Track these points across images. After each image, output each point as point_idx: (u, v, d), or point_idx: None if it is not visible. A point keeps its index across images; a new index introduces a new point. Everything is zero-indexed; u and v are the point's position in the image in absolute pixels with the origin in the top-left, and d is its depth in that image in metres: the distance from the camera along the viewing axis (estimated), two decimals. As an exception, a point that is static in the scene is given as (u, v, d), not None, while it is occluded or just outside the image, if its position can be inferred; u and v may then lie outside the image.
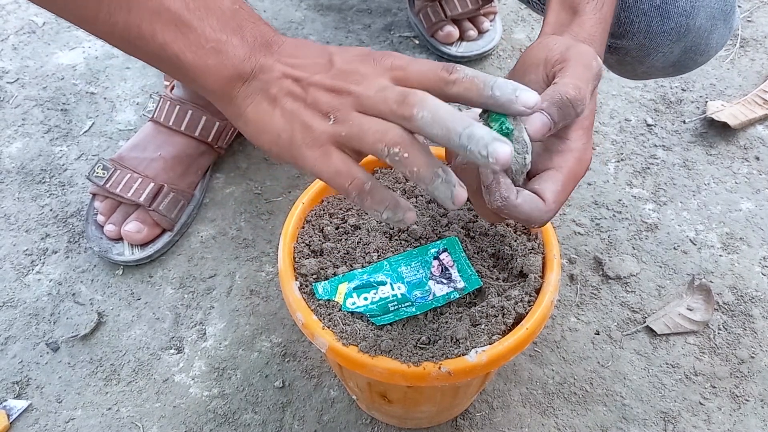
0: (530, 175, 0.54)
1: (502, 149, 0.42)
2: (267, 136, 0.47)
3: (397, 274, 0.63)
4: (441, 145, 0.45)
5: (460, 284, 0.63)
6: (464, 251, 0.65)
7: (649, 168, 1.10)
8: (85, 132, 1.15)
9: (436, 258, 0.64)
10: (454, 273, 0.63)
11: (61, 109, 1.18)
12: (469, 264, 0.64)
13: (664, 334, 0.91)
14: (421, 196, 0.71)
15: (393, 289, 0.62)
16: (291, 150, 0.46)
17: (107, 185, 0.96)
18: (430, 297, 0.62)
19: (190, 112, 1.01)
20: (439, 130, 0.43)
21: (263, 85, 0.47)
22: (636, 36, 0.70)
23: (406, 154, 0.44)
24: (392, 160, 0.44)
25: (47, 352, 0.90)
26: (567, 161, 0.52)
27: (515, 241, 0.67)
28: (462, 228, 0.68)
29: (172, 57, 0.46)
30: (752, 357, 0.89)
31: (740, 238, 1.01)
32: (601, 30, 0.58)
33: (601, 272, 0.97)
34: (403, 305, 0.61)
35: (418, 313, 0.61)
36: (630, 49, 0.72)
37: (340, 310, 0.61)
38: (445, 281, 0.63)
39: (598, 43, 0.57)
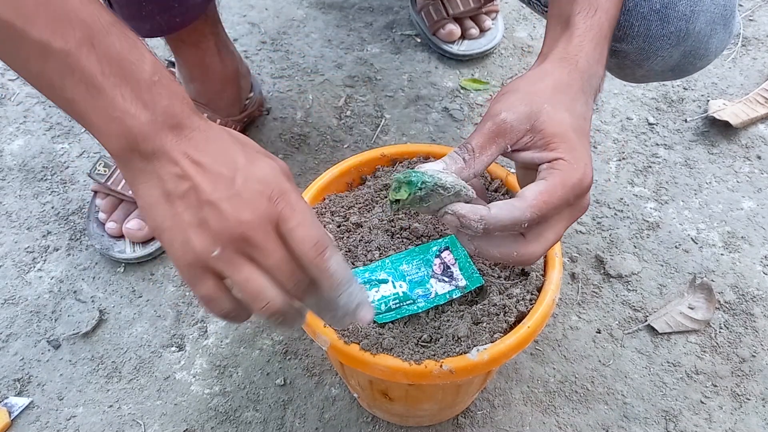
0: None
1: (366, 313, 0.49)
2: (150, 222, 0.47)
3: (399, 273, 0.63)
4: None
5: (462, 282, 0.63)
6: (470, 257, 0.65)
7: (650, 167, 1.10)
8: (87, 130, 1.15)
9: (438, 256, 0.64)
10: (456, 271, 0.63)
11: (63, 107, 1.18)
12: (471, 262, 0.64)
13: (665, 333, 0.91)
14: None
15: (395, 288, 0.62)
16: (169, 251, 0.47)
17: (109, 182, 0.96)
18: (432, 295, 0.62)
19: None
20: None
21: (160, 172, 0.46)
22: (635, 40, 0.70)
23: (281, 319, 0.48)
24: (266, 318, 0.47)
25: (49, 350, 0.90)
26: (554, 171, 0.52)
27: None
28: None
29: (79, 113, 0.45)
30: (753, 356, 0.89)
31: (742, 237, 1.01)
32: (591, 37, 0.58)
33: (602, 271, 0.97)
34: (404, 303, 0.61)
35: (420, 311, 0.61)
36: (629, 53, 0.72)
37: None
38: (446, 279, 0.63)
39: (585, 52, 0.57)
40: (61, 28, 0.43)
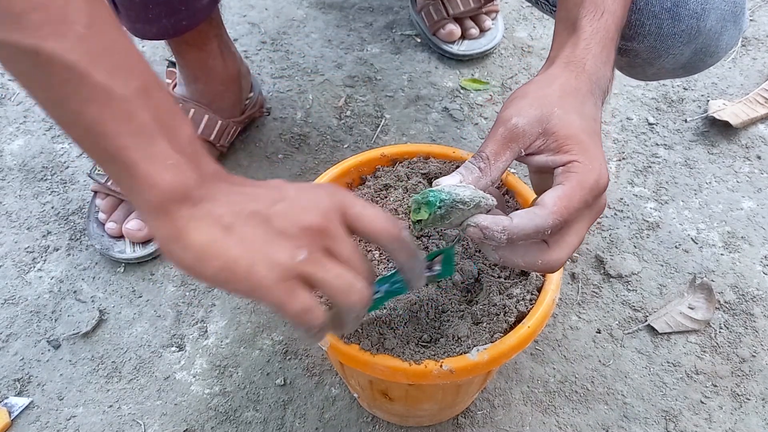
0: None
1: None
2: (217, 263, 0.44)
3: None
4: None
5: (437, 267, 0.60)
6: (465, 250, 0.65)
7: (650, 167, 1.10)
8: (87, 129, 1.15)
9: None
10: (437, 266, 0.61)
11: (63, 107, 1.18)
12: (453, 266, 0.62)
13: (665, 333, 0.91)
14: None
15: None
16: (249, 280, 0.44)
17: (109, 182, 0.96)
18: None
19: (192, 110, 1.01)
20: None
21: (215, 211, 0.45)
22: (647, 38, 0.70)
23: (357, 315, 0.49)
24: (357, 312, 0.48)
25: (49, 350, 0.90)
26: (570, 174, 0.52)
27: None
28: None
29: (126, 163, 0.44)
30: (753, 356, 0.89)
31: (741, 237, 1.01)
32: (598, 40, 0.58)
33: (602, 271, 0.97)
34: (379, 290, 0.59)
35: (392, 295, 0.59)
36: (640, 52, 0.72)
37: None
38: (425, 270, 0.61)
39: (592, 55, 0.57)
40: (123, 75, 0.43)
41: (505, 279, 0.65)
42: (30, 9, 0.40)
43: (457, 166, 0.55)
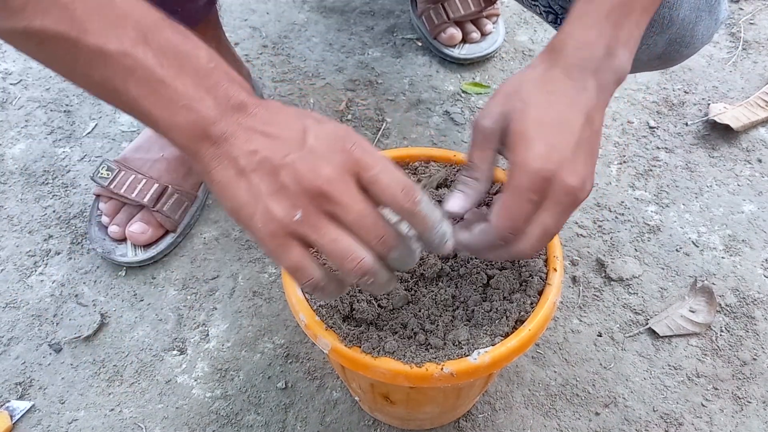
0: None
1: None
2: (229, 203, 0.47)
3: None
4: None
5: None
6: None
7: (651, 170, 1.10)
8: (88, 133, 1.15)
9: None
10: None
11: (64, 111, 1.18)
12: None
13: (666, 336, 0.91)
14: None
15: None
16: (250, 226, 0.46)
17: (111, 186, 0.96)
18: None
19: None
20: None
21: (232, 152, 0.46)
22: None
23: (371, 280, 0.47)
24: (358, 281, 0.47)
25: (50, 353, 0.90)
26: (511, 178, 0.52)
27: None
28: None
29: (144, 111, 0.46)
30: (754, 359, 0.89)
31: (742, 240, 1.01)
32: (585, 22, 0.55)
33: (603, 274, 0.97)
34: None
35: None
36: None
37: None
38: None
39: (574, 37, 0.55)
40: (114, 31, 0.44)
41: (506, 281, 0.64)
42: None
43: (458, 170, 0.55)
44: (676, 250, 1.00)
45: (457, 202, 0.56)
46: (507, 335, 0.60)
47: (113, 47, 0.44)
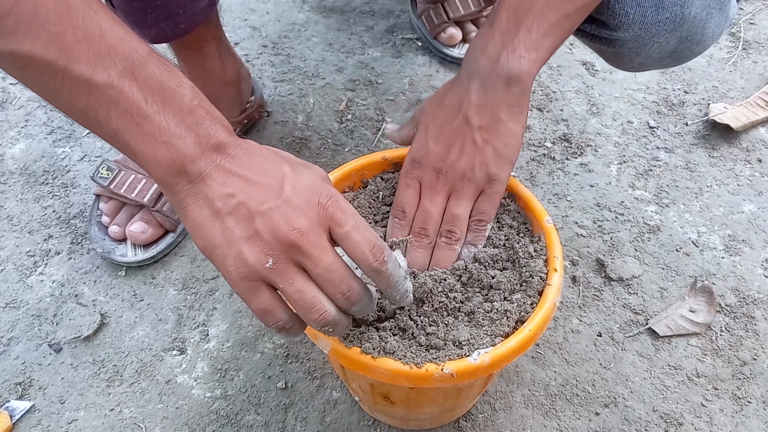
0: None
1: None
2: (201, 242, 0.48)
3: None
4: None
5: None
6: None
7: (651, 170, 1.10)
8: (88, 133, 1.15)
9: None
10: None
11: (65, 111, 1.18)
12: None
13: (666, 336, 0.91)
14: None
15: None
16: (222, 267, 0.47)
17: (111, 186, 0.96)
18: None
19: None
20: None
21: (208, 192, 0.47)
22: (631, 27, 0.70)
23: (332, 330, 0.50)
24: (319, 329, 0.50)
25: (50, 353, 0.90)
26: None
27: (518, 243, 0.67)
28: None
29: (124, 143, 0.46)
30: (754, 359, 0.89)
31: (742, 240, 1.01)
32: (485, 32, 0.65)
33: (603, 274, 0.97)
34: None
35: None
36: (626, 41, 0.72)
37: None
38: None
39: (470, 50, 0.68)
40: (102, 63, 0.44)
41: (506, 281, 0.64)
42: (2, 15, 0.42)
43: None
44: (676, 250, 1.00)
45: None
46: (507, 336, 0.60)
47: (100, 79, 0.44)
